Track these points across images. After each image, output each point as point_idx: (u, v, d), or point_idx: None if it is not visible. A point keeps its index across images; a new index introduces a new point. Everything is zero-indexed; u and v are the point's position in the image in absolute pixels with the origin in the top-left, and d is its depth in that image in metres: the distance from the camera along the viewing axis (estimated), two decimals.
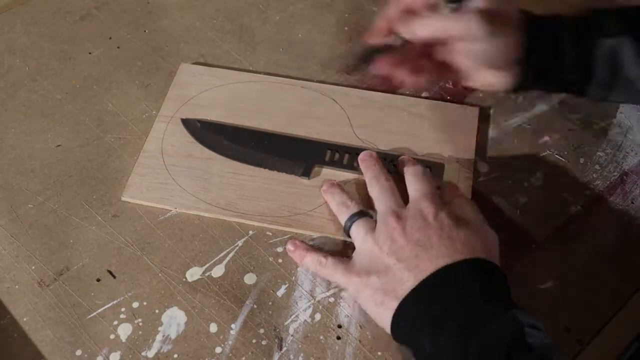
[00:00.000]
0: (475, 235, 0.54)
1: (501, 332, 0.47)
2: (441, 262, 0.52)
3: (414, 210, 0.56)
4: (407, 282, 0.52)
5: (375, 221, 0.57)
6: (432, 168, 0.64)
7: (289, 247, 0.59)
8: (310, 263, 0.58)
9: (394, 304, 0.52)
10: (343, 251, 0.59)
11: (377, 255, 0.54)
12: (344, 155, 0.65)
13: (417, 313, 0.51)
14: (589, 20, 0.58)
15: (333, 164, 0.64)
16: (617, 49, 0.56)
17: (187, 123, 0.68)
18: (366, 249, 0.56)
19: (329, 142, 0.66)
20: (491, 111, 0.70)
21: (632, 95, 0.59)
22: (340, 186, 0.62)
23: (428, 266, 0.52)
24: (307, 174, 0.63)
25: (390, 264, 0.53)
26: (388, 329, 0.53)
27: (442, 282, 0.52)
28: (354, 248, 0.57)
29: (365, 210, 0.59)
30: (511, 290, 0.52)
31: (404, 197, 0.58)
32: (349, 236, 0.58)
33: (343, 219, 0.59)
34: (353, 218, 0.58)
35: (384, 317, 0.53)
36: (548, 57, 0.58)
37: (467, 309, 0.50)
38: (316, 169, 0.64)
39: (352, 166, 0.64)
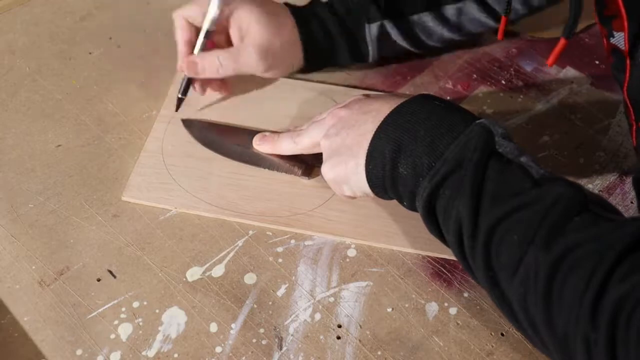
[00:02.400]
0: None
1: (472, 142, 0.48)
2: (391, 105, 0.54)
3: (339, 107, 0.59)
4: (368, 133, 0.53)
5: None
6: None
7: (256, 141, 0.65)
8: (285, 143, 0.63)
9: (363, 158, 0.53)
10: (343, 250, 0.60)
11: (335, 142, 0.56)
12: None
13: (386, 145, 0.52)
14: (351, 12, 0.68)
15: None
16: (383, 30, 0.69)
17: (187, 123, 0.68)
18: (324, 145, 0.58)
19: None
20: (491, 111, 0.70)
21: (395, 52, 0.73)
22: (269, 135, 0.65)
23: (382, 111, 0.54)
24: (307, 174, 0.64)
25: (345, 135, 0.56)
26: (367, 187, 0.54)
27: (401, 115, 0.53)
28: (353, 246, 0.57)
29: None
30: None
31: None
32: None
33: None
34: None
35: (360, 174, 0.54)
36: (324, 53, 0.69)
37: (433, 127, 0.51)
38: (316, 168, 0.64)
39: None
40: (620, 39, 0.54)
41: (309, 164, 0.64)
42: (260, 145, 0.64)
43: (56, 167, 0.66)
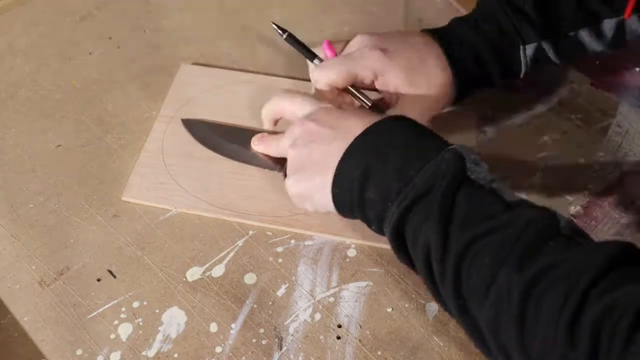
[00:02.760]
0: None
1: (443, 168, 0.48)
2: (364, 124, 0.53)
3: (310, 116, 0.57)
4: (336, 151, 0.52)
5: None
6: None
7: (254, 141, 0.63)
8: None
9: (329, 177, 0.52)
10: (343, 250, 0.60)
11: (301, 155, 0.55)
12: None
13: (354, 169, 0.51)
14: (504, 33, 0.62)
15: None
16: (539, 50, 0.63)
17: (187, 123, 0.68)
18: (291, 155, 0.57)
19: None
20: (491, 111, 0.70)
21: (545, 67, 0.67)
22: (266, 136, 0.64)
23: (352, 131, 0.53)
24: None
25: (312, 149, 0.54)
26: (332, 206, 0.54)
27: (371, 137, 0.52)
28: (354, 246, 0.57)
29: None
30: None
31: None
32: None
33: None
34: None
35: (326, 194, 0.53)
36: (477, 82, 0.64)
37: (403, 152, 0.50)
38: None
39: None
40: None
41: None
42: (257, 146, 0.64)
43: (56, 167, 0.66)
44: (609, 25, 0.64)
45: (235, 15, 0.81)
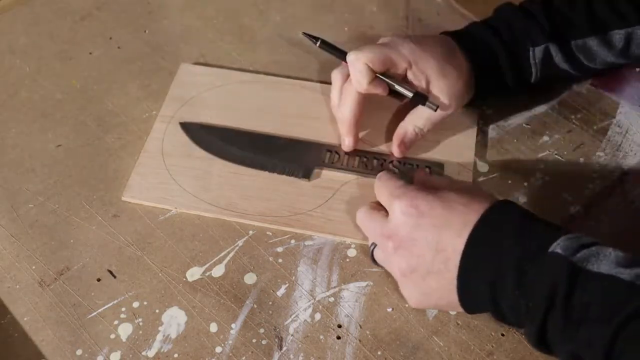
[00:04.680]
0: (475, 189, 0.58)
1: (554, 279, 0.47)
2: (474, 216, 0.51)
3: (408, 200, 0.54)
4: (457, 246, 0.50)
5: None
6: (431, 168, 0.64)
7: None
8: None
9: (452, 274, 0.51)
10: (343, 250, 0.60)
11: (410, 248, 0.53)
12: (344, 157, 0.65)
13: (482, 266, 0.50)
14: (517, 38, 0.65)
15: (332, 165, 0.64)
16: (547, 54, 0.66)
17: (186, 127, 0.68)
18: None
19: (328, 143, 0.66)
20: (491, 111, 0.70)
21: (555, 75, 0.68)
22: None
23: (466, 221, 0.51)
24: (307, 176, 0.64)
25: (425, 245, 0.51)
26: (459, 307, 0.52)
27: (490, 230, 0.50)
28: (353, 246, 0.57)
29: None
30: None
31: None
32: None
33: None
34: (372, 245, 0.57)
35: (452, 298, 0.52)
36: (493, 80, 0.67)
37: (523, 244, 0.49)
38: (316, 170, 0.64)
39: (351, 167, 0.64)
40: None
41: (309, 166, 0.64)
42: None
43: (56, 167, 0.66)
44: (618, 37, 0.66)
45: (235, 15, 0.81)
